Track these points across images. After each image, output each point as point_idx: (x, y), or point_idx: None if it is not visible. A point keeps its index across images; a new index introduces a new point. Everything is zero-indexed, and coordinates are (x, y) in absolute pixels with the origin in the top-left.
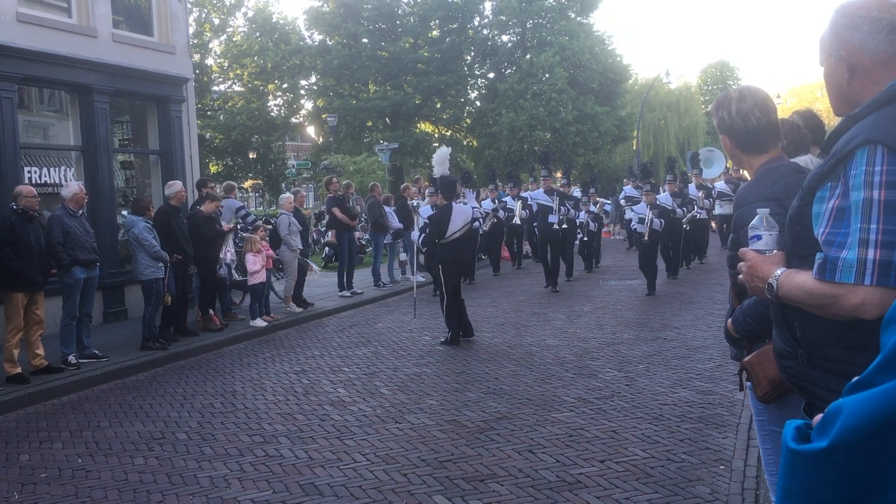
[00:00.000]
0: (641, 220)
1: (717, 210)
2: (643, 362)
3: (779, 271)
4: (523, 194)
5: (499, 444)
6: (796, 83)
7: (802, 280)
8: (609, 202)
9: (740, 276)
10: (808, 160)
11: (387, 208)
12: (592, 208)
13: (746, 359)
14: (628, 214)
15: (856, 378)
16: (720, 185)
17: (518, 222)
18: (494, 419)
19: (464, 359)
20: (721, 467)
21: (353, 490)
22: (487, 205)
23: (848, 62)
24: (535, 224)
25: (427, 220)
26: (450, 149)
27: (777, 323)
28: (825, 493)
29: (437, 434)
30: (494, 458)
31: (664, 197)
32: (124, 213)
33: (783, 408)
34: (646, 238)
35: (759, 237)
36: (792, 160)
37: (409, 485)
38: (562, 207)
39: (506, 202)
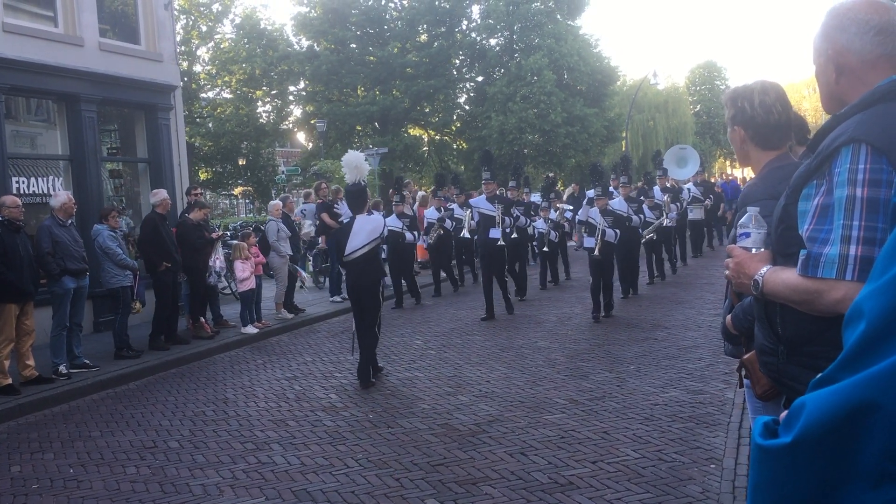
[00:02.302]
0: (591, 228)
1: (690, 215)
2: (634, 363)
3: (764, 269)
4: (471, 201)
5: (491, 446)
6: (783, 82)
7: (786, 276)
8: (570, 207)
9: (727, 272)
10: None
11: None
12: (553, 215)
13: (746, 356)
14: (581, 215)
15: (819, 374)
16: (691, 188)
17: (467, 235)
18: (486, 422)
19: (455, 362)
20: (712, 466)
21: (345, 495)
22: (431, 213)
23: (836, 62)
24: (475, 237)
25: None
26: (358, 152)
27: (759, 319)
28: (790, 487)
29: (430, 438)
30: (487, 461)
31: (618, 202)
32: None
33: (782, 406)
34: (596, 252)
35: (747, 234)
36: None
37: (401, 489)
38: (506, 218)
39: (452, 210)
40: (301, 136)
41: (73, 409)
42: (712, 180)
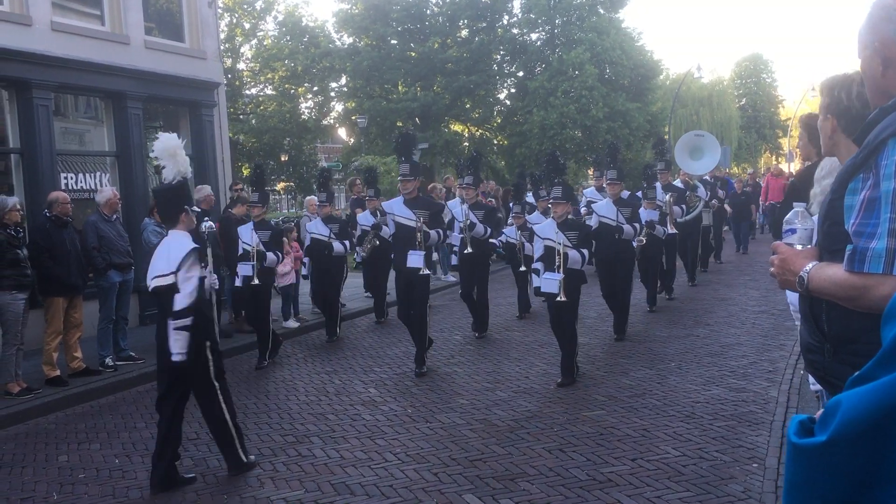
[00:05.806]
0: (548, 255)
1: (706, 221)
2: (675, 360)
3: (810, 265)
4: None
5: (529, 442)
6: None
7: (832, 272)
8: None
9: (772, 269)
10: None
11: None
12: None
13: None
14: (537, 245)
15: (856, 372)
16: (698, 186)
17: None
18: (525, 418)
19: (494, 358)
20: (754, 465)
21: (384, 489)
22: (365, 219)
23: (882, 54)
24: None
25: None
26: (175, 135)
27: (805, 317)
28: (825, 486)
29: (468, 433)
30: (525, 457)
31: (605, 206)
32: None
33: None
34: (561, 296)
35: (793, 231)
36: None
37: (439, 484)
38: (431, 232)
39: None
40: (342, 132)
41: (119, 401)
42: (744, 177)
